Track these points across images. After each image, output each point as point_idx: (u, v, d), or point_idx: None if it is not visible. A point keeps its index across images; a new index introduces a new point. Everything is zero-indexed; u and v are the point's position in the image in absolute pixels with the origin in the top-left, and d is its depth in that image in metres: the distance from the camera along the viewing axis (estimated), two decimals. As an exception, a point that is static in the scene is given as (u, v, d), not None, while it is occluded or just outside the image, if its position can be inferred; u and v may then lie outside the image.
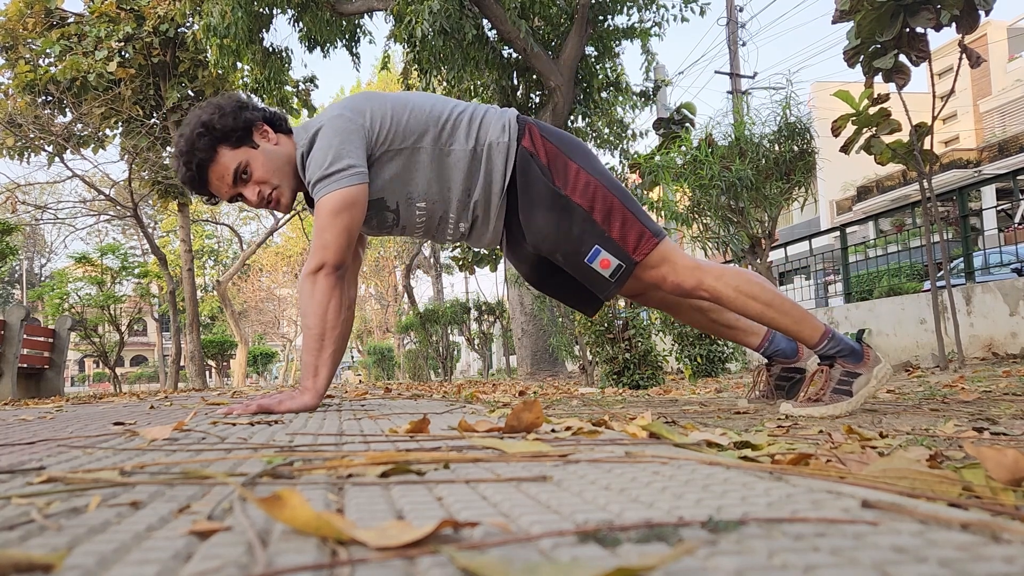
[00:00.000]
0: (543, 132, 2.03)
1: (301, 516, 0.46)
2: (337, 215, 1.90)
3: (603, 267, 1.94)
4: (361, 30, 10.30)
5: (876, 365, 1.98)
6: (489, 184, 2.02)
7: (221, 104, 2.00)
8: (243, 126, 1.97)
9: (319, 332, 1.90)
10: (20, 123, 11.36)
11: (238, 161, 1.97)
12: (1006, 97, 26.76)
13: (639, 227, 1.95)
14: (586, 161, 2.01)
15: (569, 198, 1.94)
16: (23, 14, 11.77)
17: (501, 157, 2.00)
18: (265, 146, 2.01)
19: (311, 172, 1.92)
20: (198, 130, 1.95)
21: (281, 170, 2.02)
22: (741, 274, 1.99)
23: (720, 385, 4.47)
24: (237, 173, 1.98)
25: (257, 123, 2.01)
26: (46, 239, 38.73)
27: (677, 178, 4.90)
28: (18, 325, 7.26)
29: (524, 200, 2.00)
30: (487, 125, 2.02)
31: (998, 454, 0.68)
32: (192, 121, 1.98)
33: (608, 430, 1.15)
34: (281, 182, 2.03)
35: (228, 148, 1.97)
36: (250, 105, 2.05)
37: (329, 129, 1.92)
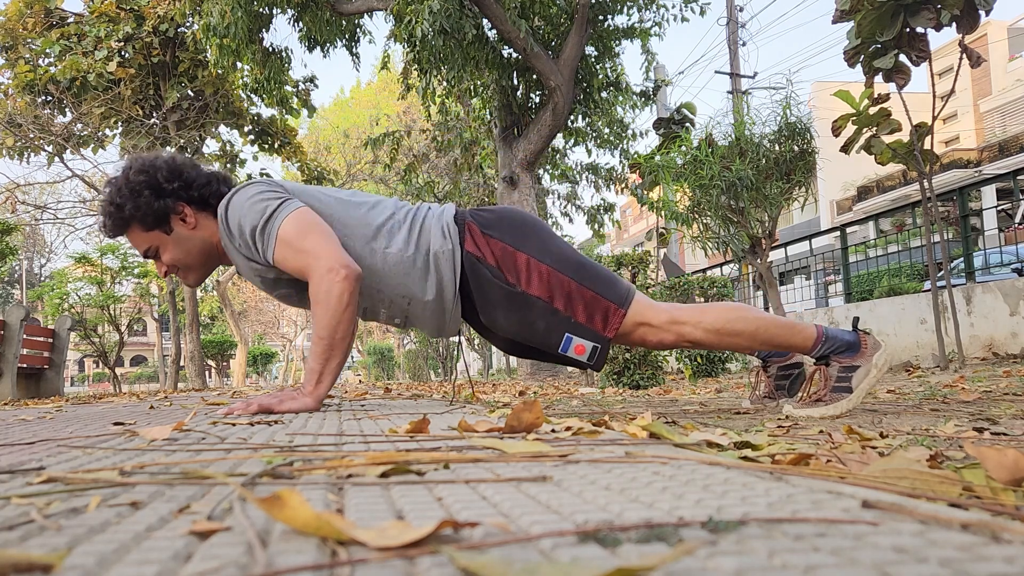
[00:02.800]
0: (484, 228, 1.98)
1: (301, 516, 0.46)
2: (301, 234, 1.87)
3: (578, 353, 1.93)
4: (361, 30, 10.30)
5: (875, 352, 1.95)
6: (440, 292, 2.00)
7: (140, 182, 1.97)
8: (155, 214, 1.98)
9: (329, 341, 1.86)
10: (20, 123, 11.36)
11: (148, 244, 2.03)
12: (1006, 97, 26.76)
13: (603, 303, 1.92)
14: (534, 245, 1.96)
15: (526, 293, 1.91)
16: (23, 14, 11.77)
17: (448, 265, 1.98)
18: (179, 232, 2.03)
19: (248, 234, 1.89)
20: (109, 208, 1.99)
21: (193, 254, 2.06)
22: (720, 314, 1.95)
23: (720, 385, 4.47)
24: (147, 252, 2.04)
25: (175, 208, 2.00)
26: (46, 239, 38.71)
27: (677, 178, 4.90)
28: (18, 325, 7.26)
29: (481, 303, 1.99)
30: (427, 231, 1.99)
31: (998, 454, 0.68)
32: (112, 187, 2.00)
33: (608, 430, 1.15)
34: (189, 265, 2.08)
35: (139, 230, 2.01)
36: (177, 182, 2.00)
37: (243, 195, 1.92)
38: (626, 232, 43.19)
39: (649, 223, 30.14)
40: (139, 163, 2.02)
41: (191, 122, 12.69)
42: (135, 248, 2.06)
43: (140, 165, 2.01)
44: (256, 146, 14.32)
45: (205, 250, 2.06)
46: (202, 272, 2.12)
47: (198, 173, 2.05)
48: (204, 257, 2.08)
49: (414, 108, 19.28)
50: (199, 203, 2.04)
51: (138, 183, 1.97)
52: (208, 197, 2.04)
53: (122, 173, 2.01)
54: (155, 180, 1.98)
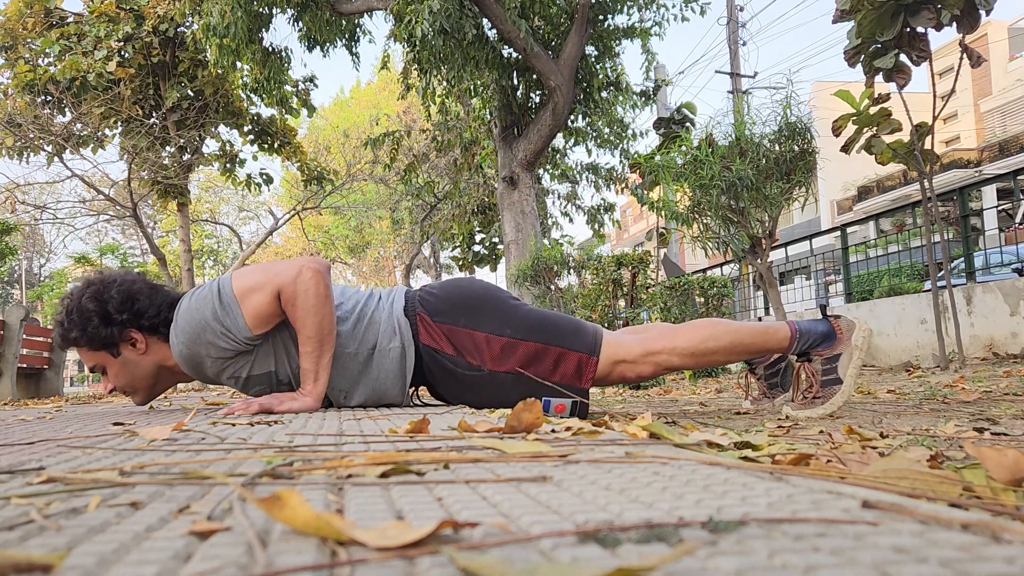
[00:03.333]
0: (434, 316, 1.97)
1: (301, 516, 0.46)
2: (251, 274, 1.89)
3: (559, 411, 1.92)
4: (361, 30, 10.29)
5: (851, 333, 1.93)
6: (380, 387, 2.00)
7: (90, 310, 2.00)
8: (103, 340, 2.02)
9: (318, 338, 1.87)
10: (19, 123, 11.36)
11: (94, 362, 2.08)
12: (1007, 97, 26.75)
13: (573, 356, 1.91)
14: (489, 318, 1.95)
15: (495, 371, 1.91)
16: (23, 14, 11.77)
17: (395, 363, 1.97)
18: (127, 356, 2.06)
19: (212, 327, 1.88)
20: (58, 329, 2.05)
21: (140, 377, 2.09)
22: (693, 335, 1.94)
23: (720, 385, 4.47)
24: (92, 368, 2.10)
25: (124, 336, 2.02)
26: (45, 239, 38.70)
27: (677, 178, 4.89)
28: (18, 325, 7.26)
29: (450, 390, 2.00)
30: (375, 325, 1.99)
31: (999, 454, 0.68)
32: (64, 308, 2.04)
33: (608, 430, 1.15)
34: (136, 388, 2.11)
35: (87, 349, 2.05)
36: (127, 313, 2.02)
37: (182, 319, 1.92)
38: (626, 232, 43.18)
39: (649, 223, 30.14)
40: (92, 289, 2.05)
41: (191, 122, 12.69)
42: (84, 362, 2.12)
43: (93, 291, 2.04)
44: (256, 146, 14.31)
45: (153, 372, 2.10)
46: (148, 393, 2.16)
47: (151, 302, 2.06)
48: (152, 379, 2.12)
49: (414, 108, 19.28)
50: (151, 330, 2.06)
51: (87, 311, 2.01)
52: (159, 325, 2.06)
53: (76, 295, 2.05)
54: (104, 310, 2.01)
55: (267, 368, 2.00)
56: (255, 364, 1.98)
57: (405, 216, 20.48)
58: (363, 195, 21.70)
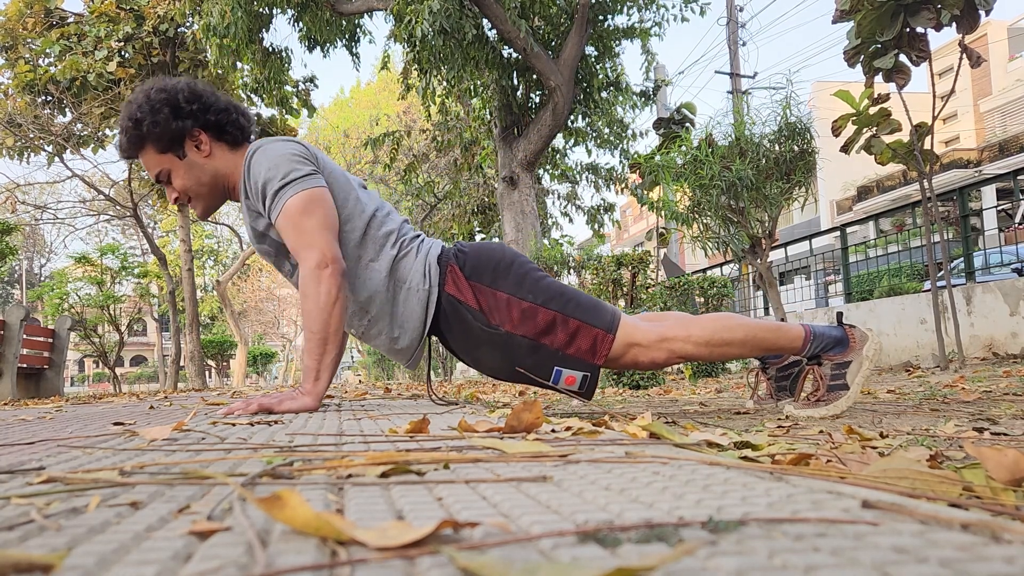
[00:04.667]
0: (466, 270, 1.98)
1: (301, 516, 0.46)
2: (307, 213, 1.86)
3: (569, 383, 1.93)
4: (361, 30, 10.30)
5: (864, 344, 1.95)
6: (400, 326, 2.00)
7: (161, 100, 1.96)
8: (171, 135, 1.96)
9: (322, 336, 1.86)
10: (20, 123, 11.36)
11: (160, 167, 2.01)
12: (1006, 97, 26.76)
13: (590, 331, 1.91)
14: (514, 282, 1.95)
15: (511, 333, 1.91)
16: (23, 14, 11.77)
17: (420, 305, 1.98)
18: (192, 158, 2.01)
19: (263, 186, 1.88)
20: (127, 123, 1.97)
21: (203, 183, 2.03)
22: (707, 325, 1.95)
23: (720, 385, 4.48)
24: (158, 175, 2.02)
25: (191, 132, 1.98)
26: (46, 239, 38.71)
27: (677, 178, 4.89)
28: (18, 325, 7.26)
29: (465, 344, 1.99)
30: (409, 263, 1.99)
31: (998, 454, 0.68)
32: (132, 103, 1.98)
33: (608, 430, 1.15)
34: (199, 194, 2.05)
35: (154, 151, 1.99)
36: (196, 104, 1.99)
37: (278, 149, 1.91)
38: (626, 232, 43.19)
39: (649, 223, 30.14)
40: (160, 83, 2.00)
41: (191, 122, 12.65)
42: (147, 171, 2.04)
43: (161, 85, 1.99)
44: (256, 146, 14.28)
45: (215, 182, 2.04)
46: (210, 203, 2.09)
47: (217, 99, 2.04)
48: (213, 188, 2.05)
49: (414, 108, 19.28)
50: (215, 131, 2.02)
51: (159, 100, 1.95)
52: (226, 125, 2.02)
53: (143, 91, 1.99)
54: (175, 100, 1.96)
55: None
56: None
57: (405, 216, 20.48)
58: (363, 195, 21.65)
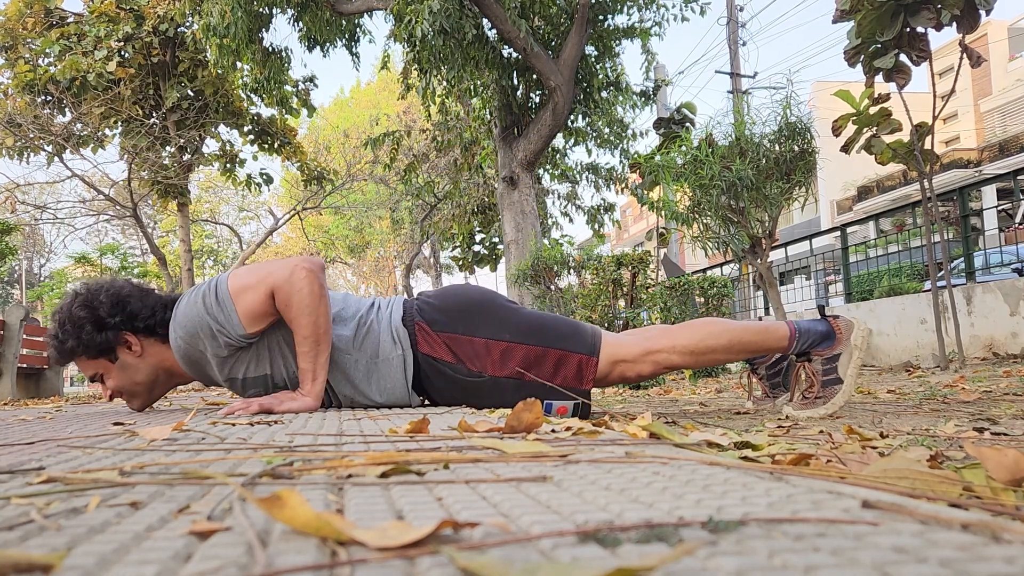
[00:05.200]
0: (433, 325, 1.98)
1: (301, 516, 0.46)
2: (248, 273, 1.90)
3: (561, 413, 1.93)
4: (361, 30, 10.29)
5: (850, 333, 1.95)
6: (391, 394, 2.01)
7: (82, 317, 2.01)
8: (98, 347, 2.02)
9: (314, 338, 1.87)
10: (20, 123, 11.36)
11: (94, 371, 2.09)
12: (1007, 97, 26.75)
13: (573, 358, 1.91)
14: (488, 322, 1.95)
15: (495, 377, 1.91)
16: (23, 14, 11.77)
17: (399, 370, 1.98)
18: (124, 359, 2.06)
19: (208, 325, 1.89)
20: (52, 341, 2.05)
21: (137, 381, 2.10)
22: (692, 333, 1.95)
23: (720, 385, 4.48)
24: (92, 377, 2.10)
25: (119, 339, 2.03)
26: (46, 239, 38.69)
27: (677, 178, 4.89)
28: (18, 325, 7.26)
29: (452, 396, 1.99)
30: (374, 337, 1.99)
31: (998, 454, 0.68)
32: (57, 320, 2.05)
33: (608, 430, 1.15)
34: (133, 392, 2.12)
35: (85, 358, 2.06)
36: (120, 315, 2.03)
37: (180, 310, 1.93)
38: (626, 232, 43.18)
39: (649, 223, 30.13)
40: (81, 297, 2.06)
41: (191, 122, 12.69)
42: (82, 373, 2.13)
43: (82, 300, 2.05)
44: (256, 146, 14.32)
45: (152, 375, 2.10)
46: (147, 397, 2.16)
47: (143, 304, 2.07)
48: (151, 382, 2.12)
49: (414, 108, 19.27)
50: (146, 332, 2.07)
51: (79, 319, 2.01)
52: (155, 326, 2.06)
53: (65, 307, 2.06)
54: (96, 315, 2.01)
55: (263, 371, 2.00)
56: (251, 366, 1.98)
57: (405, 216, 20.48)
58: (363, 195, 21.71)
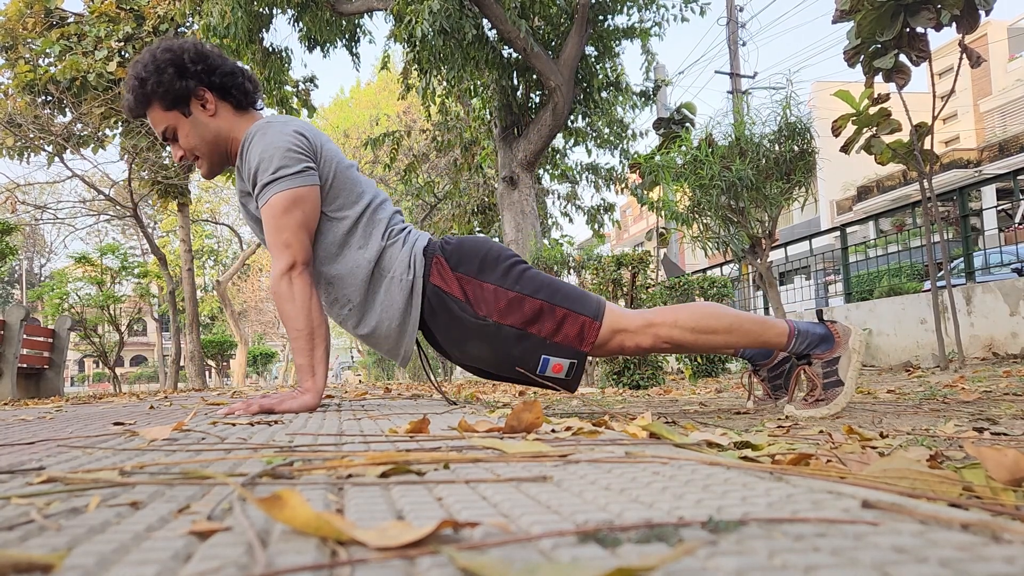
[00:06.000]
0: (451, 261, 1.99)
1: (301, 516, 0.46)
2: (290, 213, 1.89)
3: (556, 371, 1.93)
4: (361, 30, 10.29)
5: (848, 338, 1.97)
6: (384, 314, 2.00)
7: (166, 59, 1.96)
8: (176, 93, 1.97)
9: (308, 332, 1.88)
10: (20, 123, 11.35)
11: (165, 124, 2.01)
12: (1006, 97, 26.76)
13: (577, 319, 1.92)
14: (501, 272, 1.96)
15: (499, 324, 1.91)
16: (23, 14, 11.77)
17: (402, 295, 1.98)
18: (198, 116, 2.01)
19: (254, 173, 1.90)
20: (133, 82, 1.98)
21: (208, 142, 2.04)
22: (694, 312, 1.96)
23: (720, 385, 4.48)
24: (164, 133, 2.03)
25: (196, 91, 1.99)
26: (46, 239, 38.70)
27: (677, 178, 4.89)
28: (18, 325, 7.26)
29: (451, 336, 1.99)
30: (394, 253, 2.00)
31: (998, 454, 0.68)
32: (139, 63, 1.99)
33: (608, 430, 1.15)
34: (204, 153, 2.05)
35: (160, 108, 2.00)
36: (202, 64, 1.99)
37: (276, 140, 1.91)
38: (626, 232, 43.18)
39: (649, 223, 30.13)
40: (166, 43, 2.01)
41: (191, 122, 12.65)
42: (153, 128, 2.05)
43: (167, 44, 2.00)
44: (256, 146, 14.28)
45: (219, 141, 2.05)
46: (214, 162, 2.09)
47: (224, 61, 2.04)
48: (218, 148, 2.06)
49: (414, 108, 19.27)
50: (221, 91, 2.02)
51: (164, 60, 1.96)
52: (231, 88, 2.03)
53: (149, 51, 2.00)
54: (180, 59, 1.97)
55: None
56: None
57: (405, 216, 20.46)
58: (363, 195, 21.64)
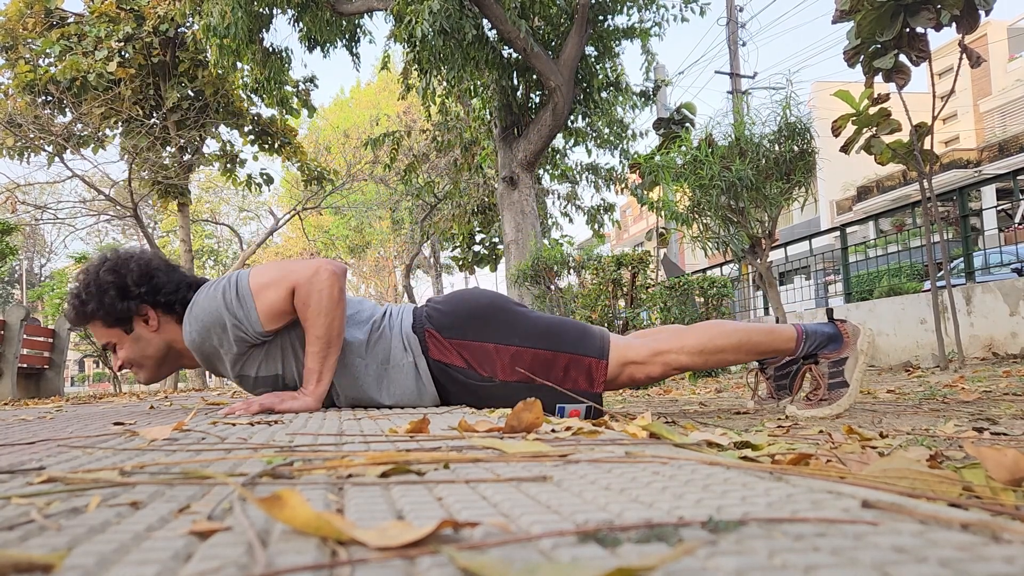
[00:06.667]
0: (443, 331, 1.98)
1: (301, 516, 0.46)
2: (269, 270, 1.91)
3: (574, 416, 1.93)
4: (361, 30, 10.29)
5: (856, 338, 1.97)
6: (403, 398, 2.01)
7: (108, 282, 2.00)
8: (118, 314, 2.02)
9: (327, 340, 1.88)
10: (20, 123, 11.35)
11: (107, 340, 2.08)
12: (1006, 97, 26.75)
13: (583, 361, 1.92)
14: (497, 327, 1.96)
15: (506, 382, 1.92)
16: (23, 14, 11.77)
17: (409, 377, 1.99)
18: (139, 332, 2.06)
19: (225, 320, 1.89)
20: (73, 300, 2.04)
21: (148, 355, 2.09)
22: (700, 334, 1.96)
23: (720, 385, 4.48)
24: (104, 346, 2.11)
25: (139, 310, 2.03)
26: (46, 239, 38.70)
27: (677, 178, 4.89)
28: (18, 325, 7.26)
29: (466, 401, 2.00)
30: (385, 343, 2.00)
31: (998, 454, 0.68)
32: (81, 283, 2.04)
33: (608, 430, 1.15)
34: (142, 365, 2.11)
35: (101, 325, 2.06)
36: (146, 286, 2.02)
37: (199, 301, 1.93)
38: (626, 232, 43.17)
39: (649, 223, 30.12)
40: (110, 262, 2.05)
41: (191, 122, 12.68)
42: (95, 340, 2.14)
43: (111, 264, 2.04)
44: (256, 146, 14.32)
45: (162, 352, 2.10)
46: (155, 372, 2.15)
47: (168, 279, 2.07)
48: (160, 358, 2.12)
49: (414, 108, 19.27)
50: (165, 307, 2.06)
51: (105, 283, 2.00)
52: (175, 304, 2.06)
53: (93, 268, 2.05)
54: (123, 282, 2.01)
55: (274, 371, 2.00)
56: (263, 365, 1.99)
57: (405, 216, 20.47)
58: (363, 195, 21.71)
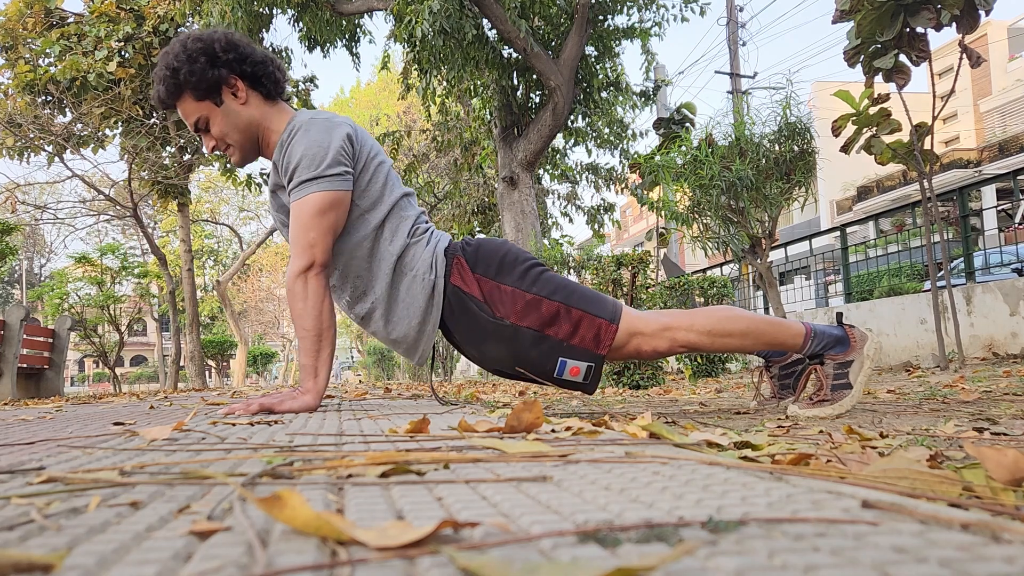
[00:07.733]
0: (470, 261, 2.00)
1: (301, 516, 0.46)
2: (323, 215, 1.89)
3: (574, 374, 1.94)
4: (361, 30, 10.30)
5: (864, 344, 1.98)
6: (403, 312, 2.01)
7: (197, 49, 1.96)
8: (208, 82, 1.97)
9: (317, 333, 1.89)
10: (20, 123, 11.35)
11: (198, 115, 2.01)
12: (1006, 97, 26.76)
13: (594, 321, 1.93)
14: (519, 274, 1.97)
15: (517, 325, 1.92)
16: (23, 14, 11.77)
17: (424, 294, 1.99)
18: (229, 105, 2.01)
19: (293, 168, 1.90)
20: (164, 72, 1.98)
21: (240, 131, 2.03)
22: (710, 315, 1.96)
23: (720, 385, 4.47)
24: (196, 123, 2.02)
25: (228, 79, 1.99)
26: (46, 239, 38.71)
27: (677, 178, 4.89)
28: (18, 325, 7.26)
29: (470, 336, 2.00)
30: (418, 252, 2.00)
31: (998, 454, 0.68)
32: (169, 54, 1.99)
33: (608, 430, 1.15)
34: (236, 142, 2.05)
35: (191, 98, 1.99)
36: (233, 53, 1.99)
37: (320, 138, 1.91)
38: (626, 232, 43.18)
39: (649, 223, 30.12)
40: (196, 32, 2.02)
41: (191, 122, 12.64)
42: (184, 119, 2.05)
43: (197, 34, 2.01)
44: (256, 146, 14.28)
45: (251, 130, 2.05)
46: (246, 151, 2.09)
47: (253, 50, 2.04)
48: (249, 136, 2.06)
49: (414, 108, 19.27)
50: (251, 80, 2.02)
51: (195, 49, 1.96)
52: (261, 77, 2.03)
53: (179, 41, 2.00)
54: (211, 48, 1.97)
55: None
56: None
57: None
58: (363, 195, 21.64)
